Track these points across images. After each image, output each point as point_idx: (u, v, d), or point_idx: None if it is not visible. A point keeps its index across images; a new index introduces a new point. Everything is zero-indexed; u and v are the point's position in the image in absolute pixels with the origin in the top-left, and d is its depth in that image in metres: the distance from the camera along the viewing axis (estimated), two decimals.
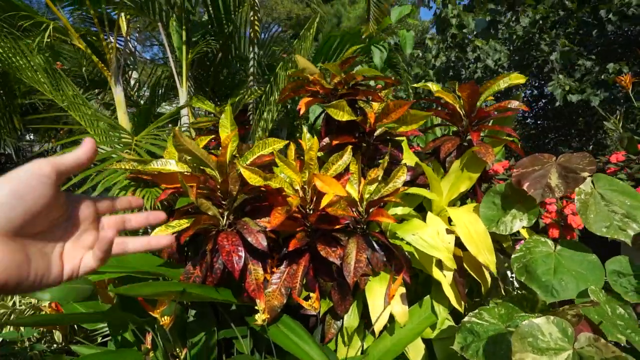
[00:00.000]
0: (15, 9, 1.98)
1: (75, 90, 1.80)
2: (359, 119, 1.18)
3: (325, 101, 1.26)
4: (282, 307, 1.07)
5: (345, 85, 1.26)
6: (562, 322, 0.67)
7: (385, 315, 1.07)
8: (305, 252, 1.12)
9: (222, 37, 2.33)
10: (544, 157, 1.07)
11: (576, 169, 0.97)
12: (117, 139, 1.56)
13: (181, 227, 1.03)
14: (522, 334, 0.66)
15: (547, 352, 0.64)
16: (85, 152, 0.34)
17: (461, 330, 0.87)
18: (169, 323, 0.96)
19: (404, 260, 1.12)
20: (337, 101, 1.15)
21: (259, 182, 1.01)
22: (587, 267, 0.92)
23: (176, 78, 2.17)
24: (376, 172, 1.10)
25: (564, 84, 3.31)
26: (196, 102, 1.43)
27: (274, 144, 1.15)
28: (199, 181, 1.03)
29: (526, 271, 0.94)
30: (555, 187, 0.96)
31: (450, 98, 1.28)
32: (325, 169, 1.11)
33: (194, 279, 1.07)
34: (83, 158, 0.34)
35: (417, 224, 1.12)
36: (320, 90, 1.26)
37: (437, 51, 4.22)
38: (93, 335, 1.54)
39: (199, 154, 0.98)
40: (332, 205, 1.01)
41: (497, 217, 1.06)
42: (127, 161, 1.19)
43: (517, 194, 1.06)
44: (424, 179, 1.28)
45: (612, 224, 0.92)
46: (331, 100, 1.19)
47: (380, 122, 1.18)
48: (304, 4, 13.45)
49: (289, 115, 2.72)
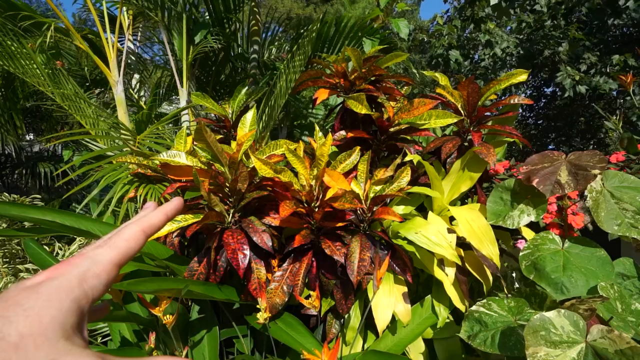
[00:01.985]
0: (16, 9, 1.98)
1: (79, 90, 1.79)
2: (375, 114, 1.18)
3: (343, 94, 1.28)
4: (283, 305, 1.06)
5: (364, 81, 1.26)
6: (573, 315, 0.66)
7: (387, 314, 1.06)
8: (308, 250, 1.12)
9: (224, 37, 2.32)
10: (554, 155, 1.06)
11: (586, 166, 0.97)
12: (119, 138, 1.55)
13: (187, 222, 1.02)
14: (535, 328, 0.65)
15: (560, 345, 0.64)
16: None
17: (468, 319, 0.87)
18: (171, 322, 0.95)
19: (407, 259, 1.11)
20: (357, 94, 1.17)
21: (269, 174, 1.02)
22: (597, 263, 0.91)
23: (177, 78, 2.17)
24: (384, 172, 1.10)
25: (573, 74, 3.32)
26: (197, 100, 1.42)
27: (285, 144, 1.16)
28: (210, 177, 1.02)
29: (535, 269, 0.93)
30: (565, 183, 0.95)
31: (455, 96, 1.28)
32: (333, 167, 1.11)
33: (198, 276, 1.07)
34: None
35: (419, 222, 1.12)
36: (341, 82, 1.27)
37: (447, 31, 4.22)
38: (93, 335, 1.53)
39: (216, 149, 0.98)
40: (338, 199, 1.00)
41: (505, 212, 1.05)
42: (132, 156, 1.18)
43: (525, 189, 1.06)
44: (425, 179, 1.27)
45: (623, 221, 0.91)
46: (349, 94, 1.19)
47: (400, 117, 1.19)
48: (304, 3, 13.49)
49: (289, 115, 2.72)
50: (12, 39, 1.64)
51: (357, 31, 2.15)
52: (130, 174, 1.25)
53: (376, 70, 1.25)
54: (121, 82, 2.01)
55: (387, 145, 1.30)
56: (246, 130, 1.18)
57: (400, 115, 1.19)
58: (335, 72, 1.29)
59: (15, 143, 3.26)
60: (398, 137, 1.29)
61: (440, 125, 1.22)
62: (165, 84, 2.75)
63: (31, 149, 4.20)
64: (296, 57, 1.57)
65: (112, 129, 1.77)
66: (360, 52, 1.24)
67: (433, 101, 1.16)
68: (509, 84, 1.25)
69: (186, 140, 1.27)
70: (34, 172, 3.79)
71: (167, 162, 1.04)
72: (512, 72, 1.23)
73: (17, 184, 4.37)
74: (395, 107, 1.24)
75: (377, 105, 1.31)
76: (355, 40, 2.21)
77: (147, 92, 3.07)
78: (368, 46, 2.18)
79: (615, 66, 3.28)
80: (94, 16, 2.00)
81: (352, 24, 2.12)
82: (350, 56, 1.21)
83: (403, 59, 1.28)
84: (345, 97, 1.18)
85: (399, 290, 1.12)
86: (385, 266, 0.88)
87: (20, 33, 1.73)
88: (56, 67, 1.79)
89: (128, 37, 2.15)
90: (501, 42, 3.92)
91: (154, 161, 1.12)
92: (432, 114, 1.21)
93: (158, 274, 1.21)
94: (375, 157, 1.29)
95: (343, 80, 1.28)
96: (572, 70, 3.38)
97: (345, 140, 1.26)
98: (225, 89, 2.74)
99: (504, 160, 1.77)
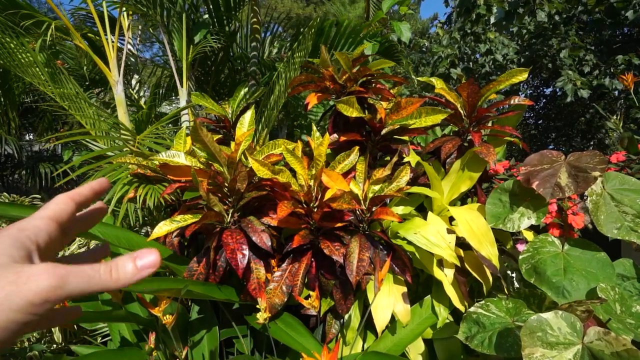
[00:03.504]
0: (17, 7, 1.98)
1: (79, 90, 1.79)
2: (367, 116, 1.18)
3: (334, 97, 1.27)
4: (283, 305, 1.06)
5: (354, 83, 1.26)
6: (570, 317, 0.67)
7: (387, 315, 1.06)
8: (307, 250, 1.12)
9: (223, 37, 2.32)
10: (552, 155, 1.05)
11: (586, 168, 0.96)
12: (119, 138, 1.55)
13: (186, 222, 1.02)
14: (531, 329, 0.66)
15: (556, 346, 0.64)
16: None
17: (466, 320, 0.87)
18: (171, 322, 0.95)
19: (406, 259, 1.11)
20: (347, 97, 1.16)
21: (267, 175, 1.02)
22: (597, 265, 0.90)
23: (176, 78, 2.17)
24: (382, 171, 1.09)
25: (574, 79, 3.30)
26: (197, 100, 1.43)
27: (284, 144, 1.15)
28: (209, 177, 1.03)
29: (535, 272, 0.92)
30: (565, 186, 0.94)
31: (452, 97, 1.27)
32: (331, 167, 1.11)
33: (197, 276, 1.07)
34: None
35: (419, 223, 1.12)
36: (331, 85, 1.26)
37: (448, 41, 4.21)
38: (93, 335, 1.53)
39: (213, 149, 0.98)
40: (337, 199, 1.00)
41: (504, 215, 1.05)
42: (132, 156, 1.18)
43: (525, 191, 1.05)
44: (424, 179, 1.27)
45: (623, 225, 0.90)
46: (340, 97, 1.19)
47: (390, 119, 1.18)
48: (304, 3, 13.47)
49: (289, 115, 2.72)
50: (10, 36, 1.64)
51: (358, 33, 2.15)
52: (130, 174, 1.25)
53: (365, 70, 1.24)
54: (121, 82, 2.01)
55: (381, 146, 1.29)
56: (244, 129, 1.18)
57: (391, 116, 1.19)
58: (324, 75, 1.27)
59: (15, 143, 3.26)
60: (391, 138, 1.28)
61: (431, 123, 1.20)
62: (165, 83, 2.75)
63: (31, 149, 4.21)
64: (296, 58, 1.57)
65: (112, 129, 1.77)
66: (347, 54, 1.23)
67: (420, 99, 1.15)
68: (509, 84, 1.25)
69: (185, 141, 1.27)
70: (34, 172, 3.79)
71: (166, 162, 1.04)
72: (511, 71, 1.22)
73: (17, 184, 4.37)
74: (387, 107, 1.23)
75: (370, 106, 1.30)
76: (357, 42, 2.21)
77: (147, 92, 3.08)
78: (369, 48, 2.18)
79: (620, 65, 3.26)
80: (94, 16, 2.00)
81: (353, 25, 2.12)
82: (339, 59, 1.21)
83: (391, 64, 1.27)
84: (336, 101, 1.17)
85: (398, 291, 1.12)
86: (387, 267, 0.88)
87: (21, 32, 1.73)
88: (56, 67, 1.79)
89: (128, 37, 2.15)
90: (502, 49, 3.92)
91: (154, 161, 1.13)
92: (421, 112, 1.19)
93: (158, 274, 1.21)
94: (370, 159, 1.28)
95: (333, 84, 1.26)
96: (574, 75, 3.36)
97: (339, 144, 1.25)
98: (225, 89, 2.73)
99: (504, 160, 1.76)
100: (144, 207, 1.26)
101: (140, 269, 0.27)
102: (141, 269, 0.27)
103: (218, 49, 2.40)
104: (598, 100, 3.88)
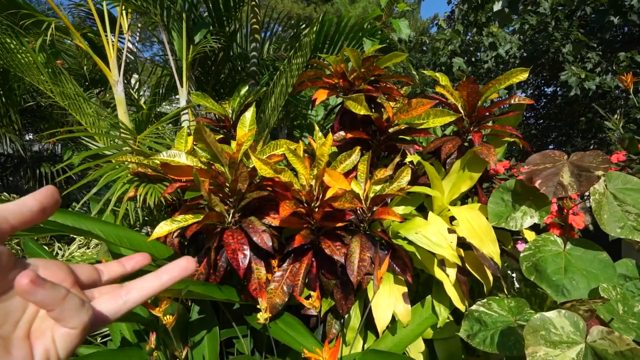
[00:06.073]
0: (16, 7, 1.98)
1: (79, 90, 1.79)
2: (375, 115, 1.18)
3: (342, 94, 1.27)
4: (283, 305, 1.06)
5: (363, 81, 1.26)
6: (573, 316, 0.66)
7: (387, 314, 1.06)
8: (308, 250, 1.12)
9: (223, 37, 2.32)
10: (555, 154, 1.05)
11: (589, 167, 0.95)
12: (119, 138, 1.55)
13: (187, 222, 1.02)
14: (534, 327, 0.65)
15: (559, 345, 0.64)
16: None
17: (468, 318, 0.87)
18: (171, 322, 0.95)
19: (407, 259, 1.11)
20: (356, 95, 1.17)
21: (269, 174, 1.02)
22: (598, 265, 0.90)
23: (176, 78, 2.16)
24: (384, 171, 1.09)
25: (578, 72, 3.30)
26: (197, 99, 1.42)
27: (285, 144, 1.15)
28: (210, 177, 1.02)
29: (536, 270, 0.92)
30: (568, 185, 0.94)
31: (455, 96, 1.27)
32: (333, 167, 1.11)
33: (198, 276, 1.06)
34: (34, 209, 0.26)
35: (419, 223, 1.12)
36: (340, 82, 1.26)
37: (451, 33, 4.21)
38: (93, 335, 1.53)
39: (215, 150, 0.98)
40: (338, 198, 1.00)
41: (507, 213, 1.04)
42: (132, 155, 1.18)
43: (527, 190, 1.05)
44: (425, 179, 1.27)
45: (626, 224, 0.90)
46: (348, 94, 1.19)
47: (398, 118, 1.19)
48: (304, 4, 13.46)
49: (288, 115, 2.72)
50: (10, 36, 1.64)
51: (358, 31, 2.15)
52: (131, 173, 1.24)
53: (375, 70, 1.25)
54: (121, 82, 2.01)
55: (387, 145, 1.30)
56: (246, 130, 1.18)
57: (399, 115, 1.19)
58: (334, 72, 1.28)
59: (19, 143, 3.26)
60: (397, 137, 1.28)
61: (438, 124, 1.21)
62: (165, 83, 2.75)
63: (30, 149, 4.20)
64: (295, 58, 1.57)
65: (112, 129, 1.77)
66: (359, 52, 1.23)
67: (431, 101, 1.16)
68: (509, 84, 1.24)
69: (187, 140, 1.27)
70: (35, 172, 3.79)
71: (167, 162, 1.03)
72: (511, 71, 1.22)
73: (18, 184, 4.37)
74: (395, 107, 1.24)
75: (377, 106, 1.30)
76: (356, 40, 2.21)
77: (147, 92, 3.07)
78: (368, 46, 2.18)
79: (622, 63, 3.25)
80: (94, 15, 2.00)
81: (352, 24, 2.11)
82: (350, 56, 1.21)
83: (402, 59, 1.27)
84: (345, 98, 1.18)
85: (399, 291, 1.12)
86: (386, 266, 0.88)
87: (20, 32, 1.73)
88: (56, 66, 1.79)
89: (128, 36, 2.15)
90: (504, 44, 3.90)
91: (154, 161, 1.12)
92: (430, 113, 1.21)
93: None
94: (374, 158, 1.28)
95: (342, 81, 1.27)
96: (577, 69, 3.36)
97: (345, 141, 1.26)
98: (225, 88, 2.73)
99: (504, 160, 1.76)
100: (144, 207, 1.26)
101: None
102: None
103: (218, 48, 2.39)
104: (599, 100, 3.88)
